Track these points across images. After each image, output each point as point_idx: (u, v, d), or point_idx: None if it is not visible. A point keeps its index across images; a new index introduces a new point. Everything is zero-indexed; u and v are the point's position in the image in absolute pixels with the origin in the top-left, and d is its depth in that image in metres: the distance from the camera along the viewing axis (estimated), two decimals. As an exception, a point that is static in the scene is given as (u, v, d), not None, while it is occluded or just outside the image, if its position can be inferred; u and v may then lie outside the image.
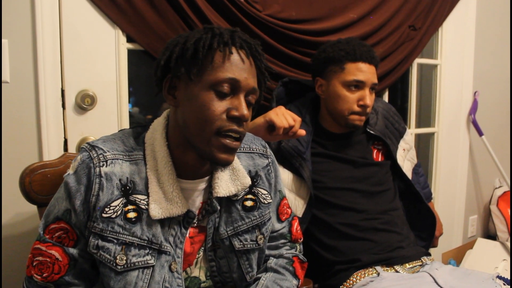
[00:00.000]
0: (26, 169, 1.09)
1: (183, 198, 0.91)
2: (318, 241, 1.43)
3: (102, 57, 1.40)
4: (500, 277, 1.29)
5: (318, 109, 1.56)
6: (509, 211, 2.56)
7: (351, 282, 1.33)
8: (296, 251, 1.16)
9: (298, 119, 1.28)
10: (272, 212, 1.10)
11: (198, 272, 1.00)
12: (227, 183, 0.97)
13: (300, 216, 1.41)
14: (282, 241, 1.14)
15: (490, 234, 2.71)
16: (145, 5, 1.39)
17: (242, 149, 1.05)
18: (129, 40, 1.44)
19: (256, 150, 1.08)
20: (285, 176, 1.43)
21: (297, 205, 1.42)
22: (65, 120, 1.37)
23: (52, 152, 1.34)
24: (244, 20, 1.51)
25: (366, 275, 1.33)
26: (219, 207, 0.98)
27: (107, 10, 1.36)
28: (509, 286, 1.26)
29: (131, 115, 1.51)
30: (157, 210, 0.88)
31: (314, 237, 1.44)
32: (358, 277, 1.33)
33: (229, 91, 0.86)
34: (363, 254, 1.37)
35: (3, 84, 1.27)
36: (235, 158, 1.00)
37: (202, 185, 0.97)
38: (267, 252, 1.13)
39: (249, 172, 1.03)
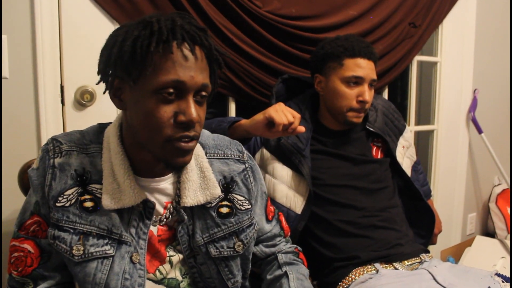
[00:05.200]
0: (25, 165, 1.10)
1: (138, 188, 0.89)
2: (317, 238, 1.44)
3: (101, 53, 1.40)
4: (498, 275, 1.29)
5: (318, 106, 1.56)
6: (508, 209, 2.57)
7: (350, 279, 1.33)
8: (291, 243, 1.19)
9: (298, 115, 1.28)
10: (261, 215, 1.10)
11: (174, 273, 0.99)
12: (196, 192, 0.94)
13: (299, 213, 1.41)
14: (278, 239, 1.15)
15: (488, 232, 2.72)
16: (144, 1, 1.38)
17: (216, 155, 1.02)
18: (129, 36, 1.44)
19: (231, 156, 1.04)
20: (284, 173, 1.43)
21: (296, 202, 1.42)
22: (64, 116, 1.37)
23: (51, 148, 1.33)
24: (244, 16, 1.51)
25: (365, 272, 1.33)
26: (185, 217, 0.95)
27: (107, 6, 1.36)
28: (507, 284, 1.26)
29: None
30: (109, 201, 0.87)
31: (313, 234, 1.44)
32: (357, 274, 1.33)
33: (175, 94, 0.80)
34: (362, 251, 1.37)
35: (2, 80, 1.27)
36: (207, 166, 0.97)
37: (164, 184, 0.95)
38: (267, 250, 1.13)
39: (224, 178, 1.00)
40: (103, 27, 1.39)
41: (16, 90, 1.29)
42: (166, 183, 0.95)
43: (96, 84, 0.88)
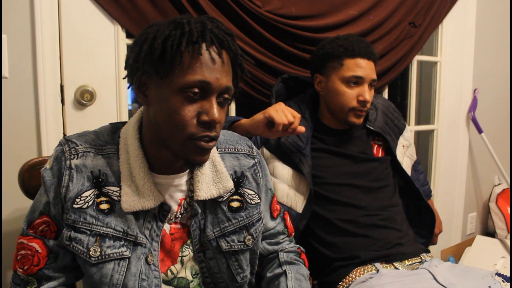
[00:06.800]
0: (25, 165, 1.10)
1: (156, 191, 0.91)
2: (318, 237, 1.44)
3: (101, 52, 1.40)
4: (499, 274, 1.29)
5: (318, 106, 1.56)
6: (508, 208, 2.57)
7: (350, 278, 1.33)
8: (294, 243, 1.19)
9: (298, 115, 1.28)
10: (265, 211, 1.11)
11: (184, 272, 1.00)
12: (209, 186, 0.97)
13: (300, 212, 1.41)
14: (281, 237, 1.16)
15: (489, 232, 2.72)
16: (145, 1, 1.38)
17: (227, 149, 1.04)
18: (129, 36, 1.44)
19: (242, 150, 1.07)
20: (285, 172, 1.43)
21: (297, 201, 1.42)
22: (64, 116, 1.37)
23: (51, 148, 1.34)
24: (244, 16, 1.51)
25: (365, 271, 1.33)
26: (199, 210, 0.97)
27: (107, 6, 1.36)
28: (508, 283, 1.26)
29: (130, 111, 1.51)
30: (128, 203, 0.88)
31: (314, 233, 1.44)
32: (357, 274, 1.33)
33: (200, 94, 0.83)
34: (363, 251, 1.37)
35: (2, 80, 1.26)
36: (219, 160, 1.00)
37: (179, 180, 0.96)
38: (270, 248, 1.14)
39: (235, 172, 1.03)
40: (103, 27, 1.39)
41: (16, 90, 1.29)
42: (182, 179, 0.97)
43: (123, 78, 0.90)
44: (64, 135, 1.37)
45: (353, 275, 1.33)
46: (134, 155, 0.90)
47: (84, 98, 1.38)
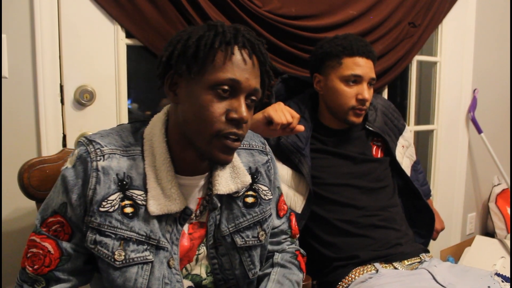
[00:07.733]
0: (24, 165, 1.10)
1: (181, 195, 0.91)
2: (317, 237, 1.44)
3: (101, 52, 1.40)
4: (498, 275, 1.29)
5: (317, 106, 1.56)
6: (507, 208, 2.57)
7: (350, 278, 1.33)
8: (295, 245, 1.18)
9: (297, 115, 1.28)
10: (272, 208, 1.11)
11: (199, 269, 1.00)
12: (227, 180, 0.97)
13: (299, 212, 1.41)
14: (284, 236, 1.15)
15: (488, 232, 2.72)
16: (144, 1, 1.38)
17: (242, 145, 1.05)
18: (128, 35, 1.44)
19: (256, 146, 1.08)
20: (284, 172, 1.43)
21: (296, 201, 1.42)
22: (64, 115, 1.37)
23: (51, 147, 1.33)
24: (243, 16, 1.50)
25: (365, 271, 1.33)
26: (219, 204, 0.98)
27: (106, 6, 1.36)
28: (507, 283, 1.26)
29: (129, 111, 1.51)
30: (155, 206, 0.88)
31: (313, 233, 1.44)
32: (357, 274, 1.33)
33: (229, 92, 0.85)
34: (362, 251, 1.37)
35: (2, 80, 1.26)
36: (235, 155, 1.01)
37: (202, 181, 0.97)
38: (270, 247, 1.14)
39: (250, 169, 1.04)
40: (103, 27, 1.39)
41: (16, 90, 1.29)
42: (203, 180, 0.97)
43: (157, 76, 0.91)
44: (64, 135, 1.37)
45: (353, 275, 1.33)
46: (161, 158, 0.90)
47: (84, 98, 1.37)
